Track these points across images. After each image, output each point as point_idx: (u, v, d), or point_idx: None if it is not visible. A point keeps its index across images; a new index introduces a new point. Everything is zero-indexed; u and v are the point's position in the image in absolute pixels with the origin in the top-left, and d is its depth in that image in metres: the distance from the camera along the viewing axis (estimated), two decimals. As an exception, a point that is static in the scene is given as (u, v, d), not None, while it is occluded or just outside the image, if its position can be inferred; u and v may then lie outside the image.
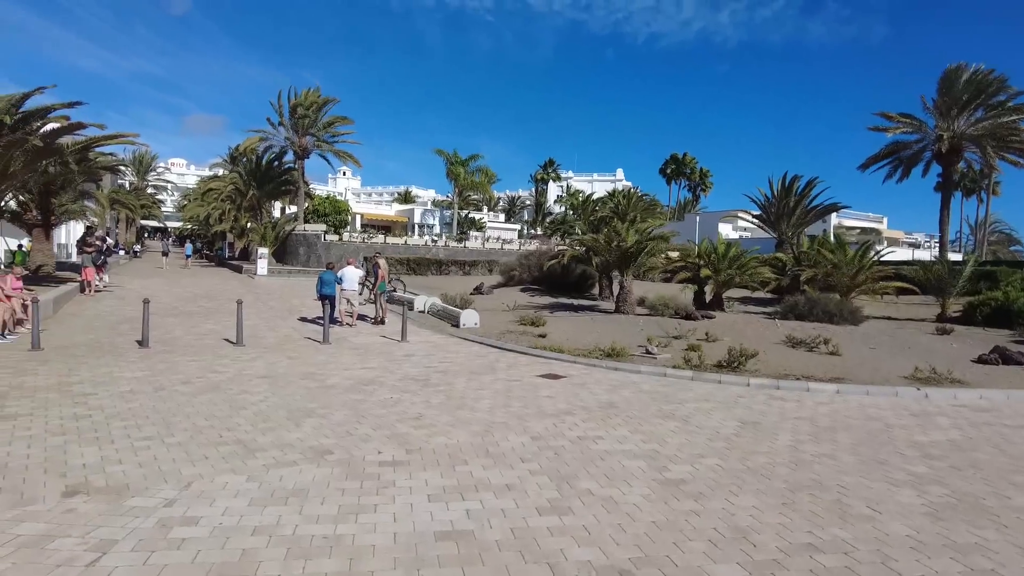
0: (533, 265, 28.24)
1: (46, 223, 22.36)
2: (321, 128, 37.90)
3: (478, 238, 44.15)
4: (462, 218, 55.64)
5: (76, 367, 9.34)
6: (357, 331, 14.99)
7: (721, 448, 6.56)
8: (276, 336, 13.62)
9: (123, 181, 68.11)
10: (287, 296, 22.13)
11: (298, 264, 36.27)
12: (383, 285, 16.53)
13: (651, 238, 18.85)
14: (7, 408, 6.90)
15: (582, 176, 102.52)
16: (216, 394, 7.98)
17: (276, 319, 16.39)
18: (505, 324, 16.48)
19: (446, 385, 9.15)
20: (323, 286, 14.91)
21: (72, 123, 14.62)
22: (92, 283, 18.66)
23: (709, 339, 14.54)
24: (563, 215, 69.78)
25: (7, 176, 15.35)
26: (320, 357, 11.27)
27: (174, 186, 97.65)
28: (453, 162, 47.81)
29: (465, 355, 12.17)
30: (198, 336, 13.08)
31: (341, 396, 8.18)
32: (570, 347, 12.95)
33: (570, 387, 9.37)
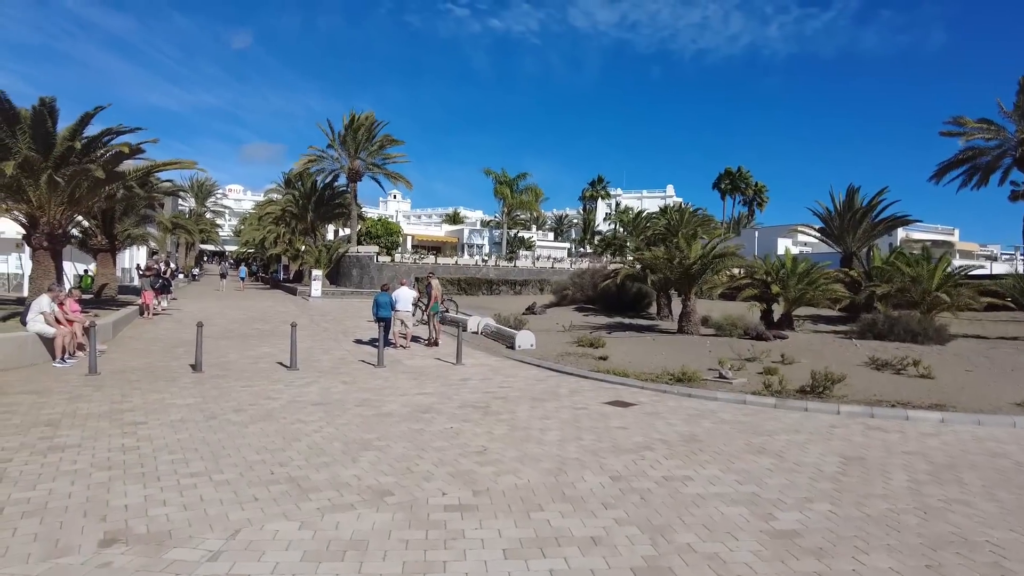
0: (586, 284, 27.48)
1: (110, 248, 22.93)
2: (373, 150, 38.26)
3: (528, 257, 43.61)
4: (511, 237, 55.28)
5: (129, 393, 9.11)
6: (411, 353, 14.55)
7: (829, 490, 5.71)
8: (330, 359, 13.28)
9: (183, 207, 70.66)
10: (341, 318, 21.99)
11: (351, 286, 36.45)
12: (436, 306, 16.10)
13: (716, 254, 17.89)
14: (58, 438, 6.61)
15: (631, 193, 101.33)
16: (268, 423, 7.55)
17: (330, 341, 16.12)
18: (562, 345, 15.79)
19: (508, 413, 8.51)
20: (378, 308, 14.55)
21: (133, 148, 14.78)
22: (151, 306, 18.86)
23: (785, 361, 13.51)
24: (613, 232, 68.77)
25: (74, 202, 15.61)
26: (375, 382, 10.81)
27: (231, 211, 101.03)
28: (501, 181, 47.58)
29: (524, 379, 11.53)
30: (252, 360, 12.85)
31: (399, 426, 7.64)
32: (635, 371, 12.16)
33: (643, 416, 8.60)
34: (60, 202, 15.37)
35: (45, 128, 14.54)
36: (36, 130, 14.47)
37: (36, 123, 14.37)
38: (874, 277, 24.83)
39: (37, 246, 15.59)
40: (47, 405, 8.16)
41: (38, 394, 8.87)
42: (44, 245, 15.58)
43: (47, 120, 14.52)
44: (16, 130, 14.46)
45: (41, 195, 14.98)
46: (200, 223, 65.23)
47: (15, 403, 8.24)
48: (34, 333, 11.47)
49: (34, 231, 15.57)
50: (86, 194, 15.57)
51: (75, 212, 16.20)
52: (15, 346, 11.02)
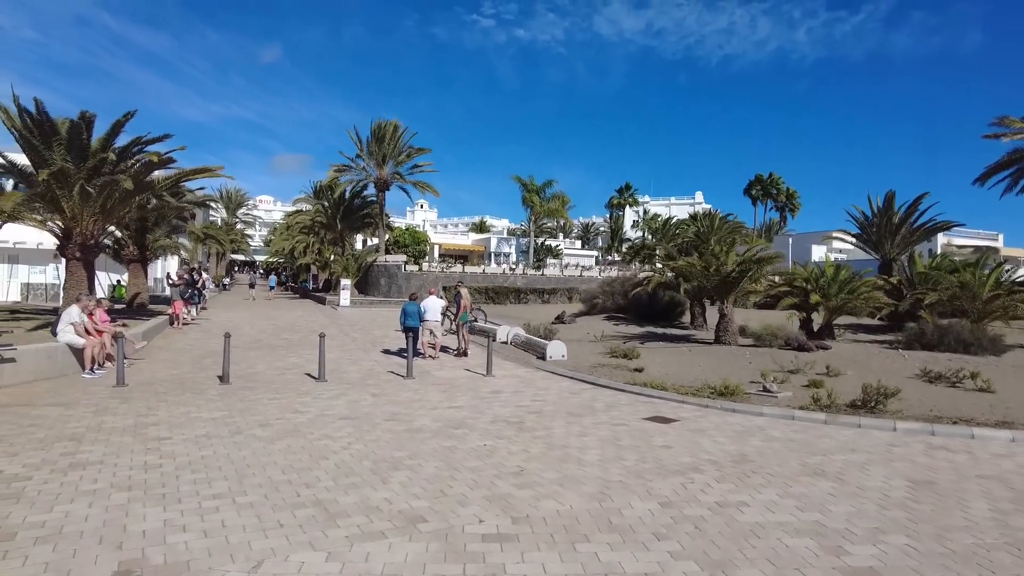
0: (617, 292, 26.94)
1: (142, 258, 23.13)
2: (400, 159, 38.27)
3: (555, 265, 43.13)
4: (538, 245, 54.86)
5: (155, 406, 8.92)
6: (440, 364, 14.23)
7: (902, 520, 5.18)
8: (359, 370, 13.02)
9: (214, 217, 71.82)
10: (369, 327, 21.81)
11: (379, 295, 36.41)
12: (465, 315, 15.77)
13: (754, 261, 17.27)
14: (80, 454, 6.39)
15: (659, 200, 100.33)
16: (295, 439, 7.25)
17: (359, 352, 15.89)
18: (595, 356, 15.33)
19: (543, 430, 8.10)
20: (406, 318, 14.28)
21: (162, 157, 14.80)
22: (180, 316, 18.88)
23: (831, 373, 12.88)
24: (642, 240, 67.96)
25: (105, 213, 15.69)
26: (405, 394, 10.49)
27: (262, 222, 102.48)
28: (529, 188, 47.25)
29: (557, 392, 11.11)
30: (280, 371, 12.65)
31: (430, 442, 7.28)
32: (673, 384, 11.66)
33: (686, 434, 8.12)
34: (92, 213, 15.46)
35: (80, 140, 14.65)
36: (72, 142, 14.58)
37: (72, 135, 14.47)
38: (917, 284, 23.87)
39: (70, 257, 15.69)
40: (73, 418, 7.99)
41: (65, 406, 8.72)
42: (77, 256, 15.67)
43: (83, 132, 14.63)
44: (53, 142, 14.59)
45: (74, 206, 15.07)
46: (231, 233, 66.14)
47: (42, 416, 8.09)
48: (64, 344, 11.42)
49: (67, 242, 15.67)
50: (117, 204, 15.63)
51: (107, 223, 16.28)
52: (45, 357, 10.96)
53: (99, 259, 28.66)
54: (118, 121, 15.10)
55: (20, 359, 10.38)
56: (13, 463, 6.02)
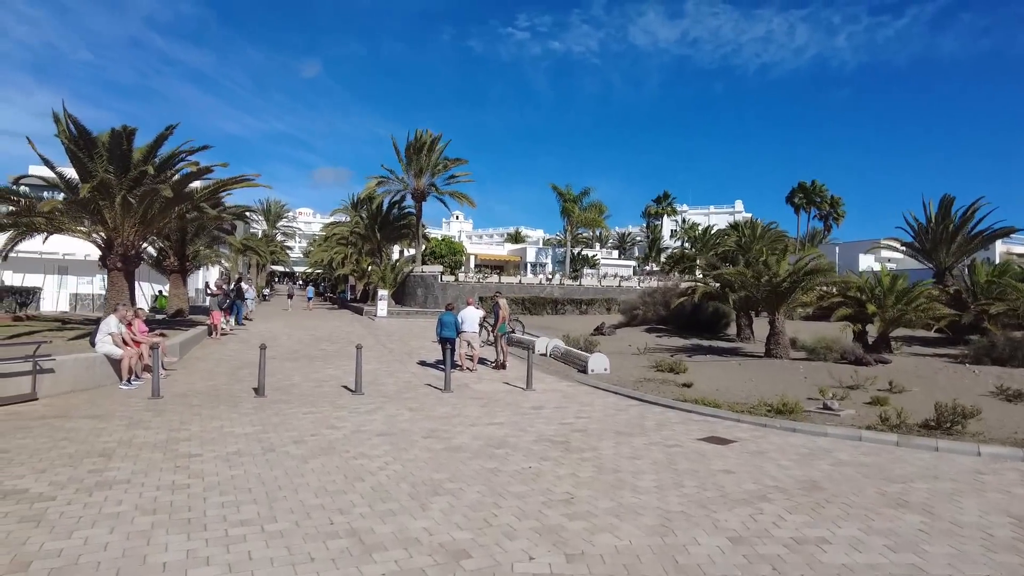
0: (658, 303, 26.19)
1: (182, 268, 23.36)
2: (437, 170, 38.22)
3: (593, 275, 42.40)
4: (574, 255, 54.21)
5: (189, 420, 8.67)
6: (478, 377, 13.79)
7: (1017, 567, 4.50)
8: (396, 383, 12.67)
9: (255, 229, 73.13)
10: (406, 338, 21.55)
11: (416, 305, 36.29)
12: (504, 327, 15.32)
13: (807, 271, 16.43)
14: (108, 471, 6.11)
15: (697, 209, 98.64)
16: (330, 458, 6.87)
17: (396, 363, 15.58)
18: (639, 370, 14.71)
19: (591, 451, 7.56)
20: (443, 328, 13.90)
21: (201, 168, 14.81)
22: (218, 327, 18.88)
23: (894, 390, 12.03)
24: (681, 250, 66.73)
25: (146, 223, 15.75)
26: (443, 408, 10.07)
27: (301, 233, 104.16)
28: (566, 198, 46.73)
29: (602, 408, 10.54)
30: (316, 383, 12.38)
31: (471, 463, 6.82)
32: (726, 400, 10.99)
33: (747, 456, 7.49)
34: (133, 223, 15.53)
35: (122, 151, 14.74)
36: (113, 153, 14.68)
37: (113, 147, 14.57)
38: (979, 294, 22.58)
39: (111, 267, 15.77)
40: (105, 432, 7.77)
41: (99, 419, 8.54)
42: (118, 266, 15.74)
43: (123, 144, 14.72)
44: (95, 154, 14.72)
45: (116, 216, 15.16)
46: (271, 245, 67.14)
47: (75, 429, 7.90)
48: (102, 354, 11.34)
49: (109, 252, 15.76)
50: (157, 215, 15.68)
51: (147, 233, 16.36)
52: (84, 367, 10.88)
53: (142, 270, 29.18)
54: (160, 134, 15.18)
55: (59, 369, 10.30)
56: (40, 480, 5.77)
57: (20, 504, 5.13)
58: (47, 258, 30.93)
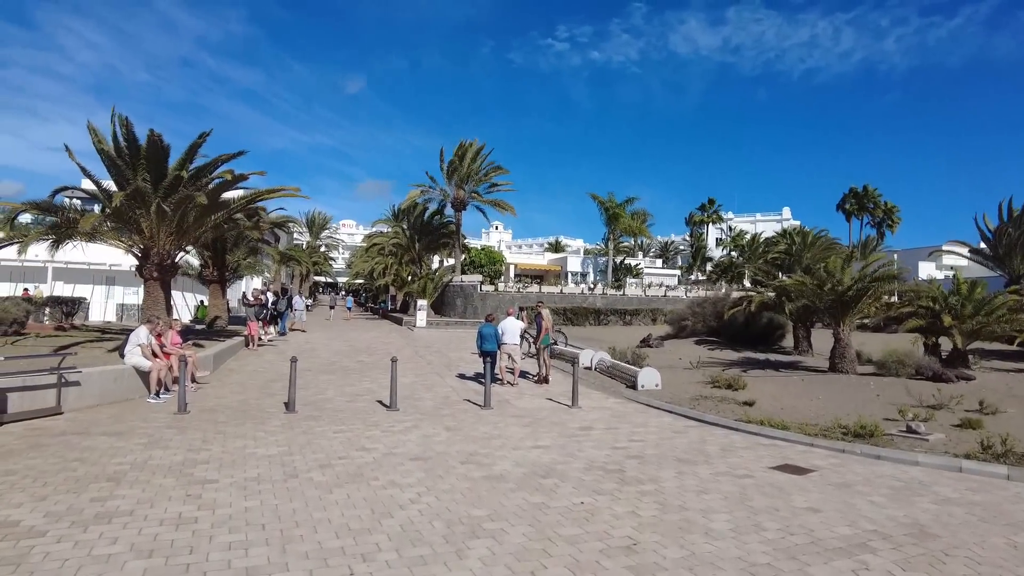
0: (708, 313, 24.95)
1: (221, 279, 23.25)
2: (478, 179, 37.70)
3: (636, 285, 41.12)
4: (617, 264, 52.99)
5: (211, 438, 8.09)
6: (520, 392, 12.98)
7: None
8: (433, 398, 11.96)
9: (299, 240, 74.13)
10: (445, 349, 20.90)
11: (455, 315, 35.73)
12: (547, 339, 14.47)
13: (876, 278, 15.12)
14: (112, 500, 5.51)
15: (743, 217, 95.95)
16: (357, 487, 6.15)
17: (433, 376, 14.89)
18: (693, 386, 13.68)
19: (651, 482, 6.65)
20: (483, 341, 13.16)
21: (236, 175, 14.47)
22: (255, 337, 18.55)
23: (985, 410, 10.73)
24: (728, 258, 64.76)
25: (182, 232, 15.49)
26: (483, 428, 9.29)
27: (344, 245, 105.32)
28: (609, 206, 45.67)
29: (657, 430, 9.60)
30: (350, 397, 11.76)
31: (514, 497, 6.00)
32: (795, 421, 9.91)
33: (831, 490, 6.47)
34: (168, 232, 15.28)
35: (157, 159, 14.52)
36: (149, 162, 14.46)
37: (149, 155, 14.36)
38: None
39: (148, 276, 15.53)
40: (120, 452, 7.23)
41: (118, 436, 8.04)
42: (154, 275, 15.49)
43: (159, 152, 14.50)
44: (135, 163, 14.54)
45: (151, 225, 14.94)
46: (313, 255, 67.81)
47: (90, 448, 7.39)
48: (131, 366, 10.95)
49: (146, 262, 15.55)
50: (193, 223, 15.41)
51: (183, 242, 16.11)
52: (111, 379, 10.48)
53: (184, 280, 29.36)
54: (194, 143, 14.89)
55: (85, 382, 9.91)
56: (36, 511, 5.19)
57: (5, 541, 4.53)
58: (95, 269, 31.50)
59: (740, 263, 56.51)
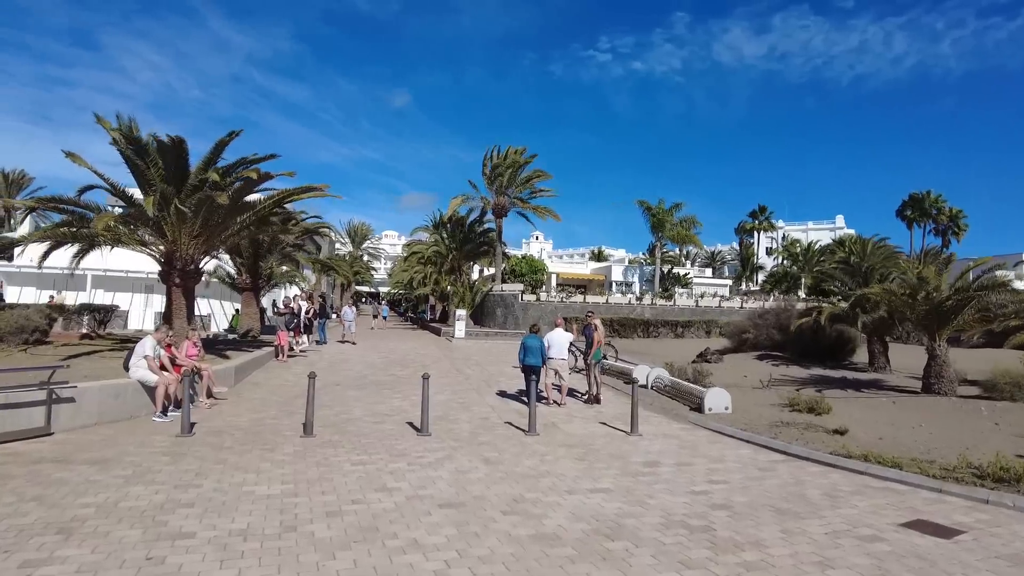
0: (770, 325, 22.91)
1: (254, 286, 22.38)
2: (520, 184, 36.27)
3: (687, 295, 38.99)
4: (664, 274, 50.82)
5: (208, 470, 6.82)
6: (568, 413, 11.46)
7: None
8: (471, 419, 10.54)
9: (340, 251, 74.17)
10: (484, 362, 19.50)
11: (495, 326, 34.34)
12: (598, 352, 12.93)
13: (982, 287, 13.08)
14: (45, 567, 4.23)
15: (794, 225, 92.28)
16: (367, 550, 4.74)
17: (471, 393, 13.49)
18: (767, 409, 11.94)
19: (753, 547, 5.06)
20: (527, 354, 11.70)
21: (261, 174, 13.40)
22: (284, 348, 17.48)
23: None
24: (783, 267, 61.82)
25: (206, 235, 14.51)
26: (528, 461, 7.80)
27: (387, 255, 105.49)
28: (656, 212, 43.70)
29: (738, 465, 7.95)
30: (378, 418, 10.42)
31: (576, 568, 4.49)
32: (903, 456, 8.11)
33: (1003, 567, 4.76)
34: (192, 235, 14.33)
35: (178, 160, 13.61)
36: (169, 162, 13.55)
37: (168, 156, 13.46)
38: None
39: (170, 283, 14.61)
40: (94, 488, 6.01)
41: (101, 465, 6.84)
42: (176, 282, 14.56)
43: (181, 152, 13.58)
44: (151, 163, 13.65)
45: (173, 228, 14.02)
46: (354, 265, 67.55)
47: (60, 482, 6.19)
48: (135, 380, 9.85)
49: (168, 267, 14.64)
50: (217, 226, 14.43)
51: (209, 247, 15.15)
52: (111, 395, 9.38)
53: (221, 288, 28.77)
54: (221, 140, 13.94)
55: (80, 399, 8.83)
56: (-54, 580, 3.93)
57: None
58: (133, 277, 31.27)
59: (796, 272, 53.72)
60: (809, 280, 49.88)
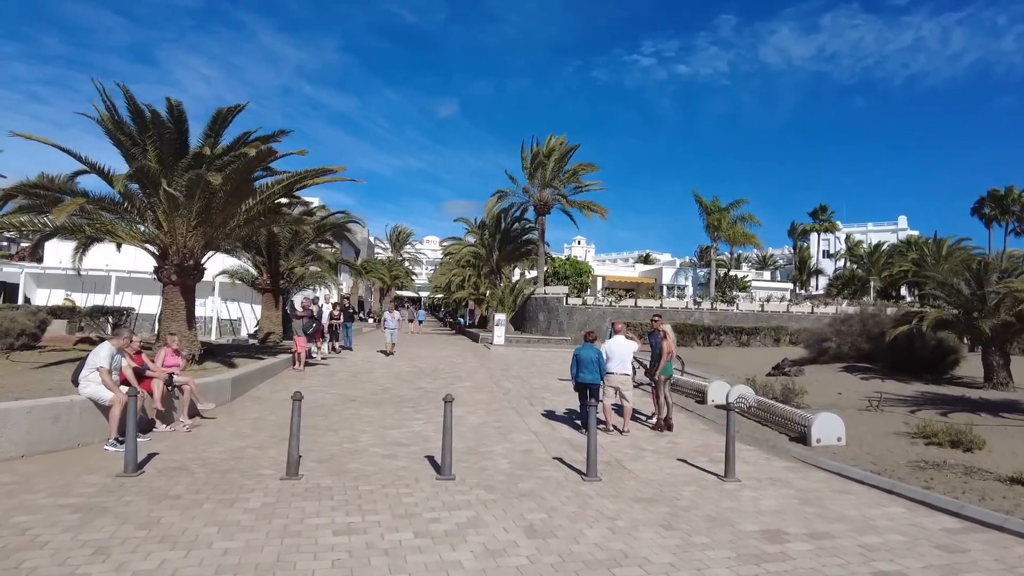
0: (855, 333, 19.88)
1: (275, 287, 20.49)
2: (564, 178, 33.68)
3: (751, 299, 35.52)
4: (720, 277, 47.46)
5: (123, 539, 4.60)
6: (635, 444, 8.98)
7: None
8: (508, 453, 8.16)
9: (380, 255, 73.01)
10: (526, 374, 17.11)
11: (538, 332, 31.85)
12: (669, 366, 10.38)
13: None
14: None
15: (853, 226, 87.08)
16: None
17: (510, 413, 11.11)
18: (890, 439, 9.24)
19: None
20: (581, 369, 9.30)
21: (263, 151, 11.31)
22: (301, 356, 15.41)
23: None
24: (850, 270, 57.61)
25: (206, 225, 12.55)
26: (592, 531, 5.35)
27: (428, 260, 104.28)
28: (712, 210, 40.54)
29: (902, 540, 5.35)
30: (390, 450, 8.14)
31: None
32: None
33: None
34: (189, 226, 12.40)
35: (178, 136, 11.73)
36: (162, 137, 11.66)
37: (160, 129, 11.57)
38: None
39: (165, 280, 12.74)
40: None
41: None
42: (173, 279, 12.66)
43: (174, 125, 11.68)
44: (145, 138, 11.78)
45: (167, 217, 12.12)
46: (393, 269, 66.17)
47: None
48: (86, 397, 7.80)
49: (163, 262, 12.75)
50: (218, 213, 12.45)
51: (210, 240, 13.21)
52: (48, 418, 7.30)
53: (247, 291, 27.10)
54: (220, 112, 12.00)
55: (3, 422, 6.78)
56: None
57: None
58: (161, 278, 30.08)
59: (863, 275, 49.73)
60: (878, 284, 45.92)
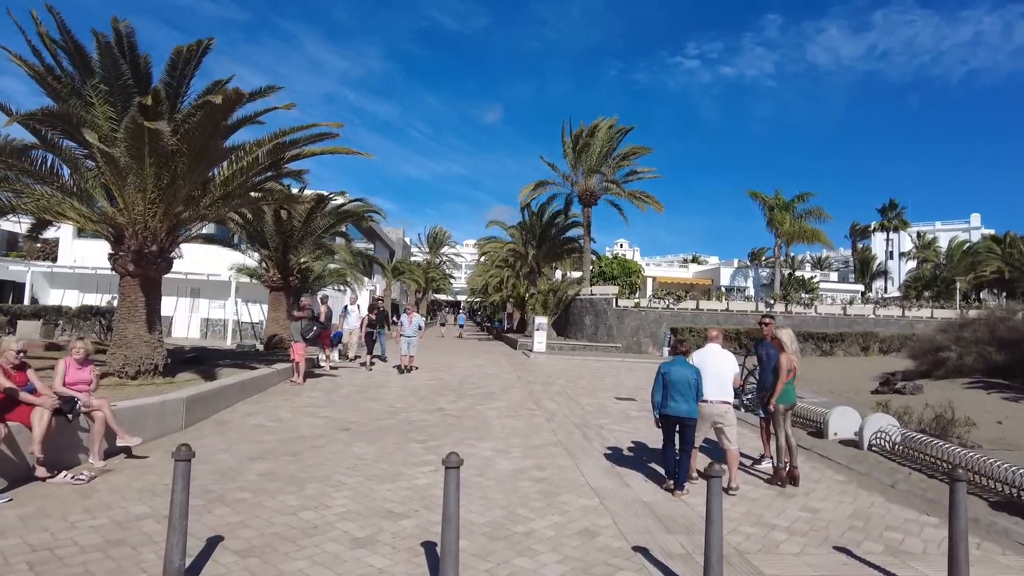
0: (982, 341, 16.06)
1: (285, 285, 17.84)
2: (613, 164, 30.22)
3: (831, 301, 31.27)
4: (785, 278, 43.24)
5: None
6: (755, 515, 5.79)
7: None
8: (557, 538, 5.06)
9: (416, 257, 70.79)
10: (573, 390, 13.99)
11: (583, 337, 28.57)
12: (790, 391, 7.11)
13: None
14: None
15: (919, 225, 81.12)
16: None
17: (558, 454, 7.99)
18: None
19: None
20: (672, 395, 6.19)
21: (230, 93, 8.51)
22: (300, 366, 12.60)
23: None
24: (926, 270, 52.58)
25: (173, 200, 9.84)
26: None
27: (467, 263, 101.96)
28: (773, 205, 36.48)
29: None
30: (368, 526, 5.15)
31: None
32: None
33: None
34: (148, 200, 9.71)
35: (120, 70, 9.04)
36: (107, 80, 9.01)
37: (105, 66, 8.92)
38: None
39: (121, 270, 10.08)
40: None
41: None
42: (129, 269, 10.00)
43: (122, 62, 9.02)
44: (88, 82, 9.17)
45: (117, 187, 9.47)
46: (429, 271, 63.80)
47: None
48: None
49: (119, 247, 10.11)
50: (185, 184, 9.72)
51: (183, 218, 10.52)
52: None
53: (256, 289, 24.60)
54: (178, 49, 9.28)
55: None
56: None
57: None
58: (178, 279, 27.85)
59: (947, 276, 45.02)
60: (965, 285, 41.15)
